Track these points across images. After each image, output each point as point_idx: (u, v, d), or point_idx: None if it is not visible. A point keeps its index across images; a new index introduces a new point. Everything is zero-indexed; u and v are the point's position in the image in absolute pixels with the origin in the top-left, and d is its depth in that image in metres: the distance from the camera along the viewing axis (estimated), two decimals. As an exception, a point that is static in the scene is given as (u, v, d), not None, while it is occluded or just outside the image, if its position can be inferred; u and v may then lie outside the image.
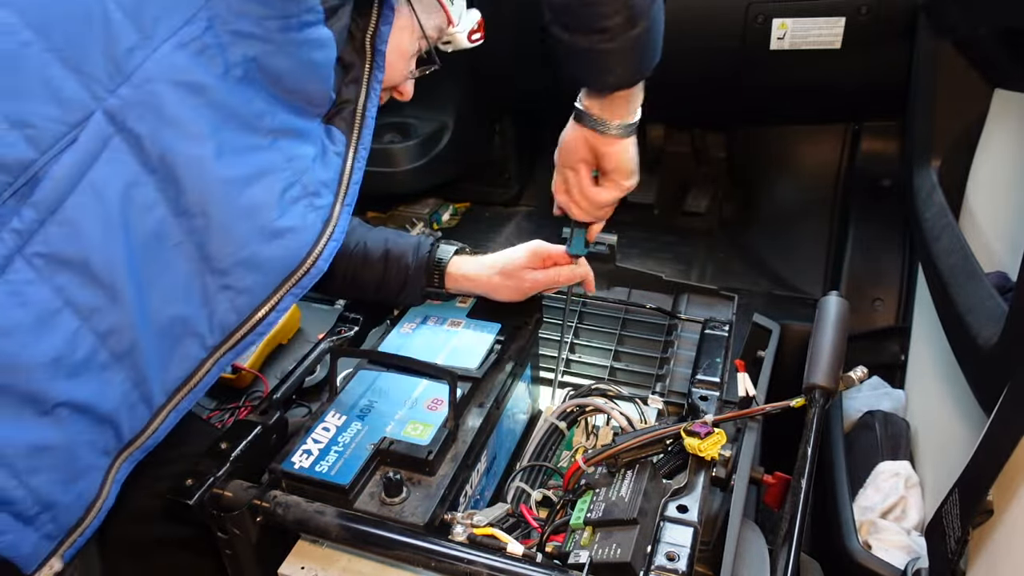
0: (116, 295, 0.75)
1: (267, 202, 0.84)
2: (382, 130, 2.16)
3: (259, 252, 0.85)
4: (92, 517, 0.80)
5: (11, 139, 0.68)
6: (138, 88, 0.73)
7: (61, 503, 0.76)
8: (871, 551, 1.13)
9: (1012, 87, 1.24)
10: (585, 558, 0.80)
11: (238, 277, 0.84)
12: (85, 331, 0.74)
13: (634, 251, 2.05)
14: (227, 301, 0.85)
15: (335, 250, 0.93)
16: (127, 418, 0.80)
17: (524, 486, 1.06)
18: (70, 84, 0.71)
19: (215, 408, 1.48)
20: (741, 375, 1.06)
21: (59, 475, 0.75)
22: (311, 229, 0.89)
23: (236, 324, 0.87)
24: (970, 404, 1.03)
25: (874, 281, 1.73)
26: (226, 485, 0.91)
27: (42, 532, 0.76)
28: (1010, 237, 1.15)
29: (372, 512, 0.88)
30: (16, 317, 0.69)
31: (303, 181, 0.87)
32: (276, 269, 0.88)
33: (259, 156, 0.83)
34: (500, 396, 1.06)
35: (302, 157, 0.87)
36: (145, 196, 0.76)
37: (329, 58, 0.87)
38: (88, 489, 0.79)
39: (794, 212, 2.05)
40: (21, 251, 0.69)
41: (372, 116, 0.96)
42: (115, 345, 0.76)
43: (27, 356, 0.70)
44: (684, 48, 1.82)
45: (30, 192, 0.69)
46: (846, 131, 2.00)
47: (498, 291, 1.15)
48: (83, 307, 0.73)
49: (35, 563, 0.76)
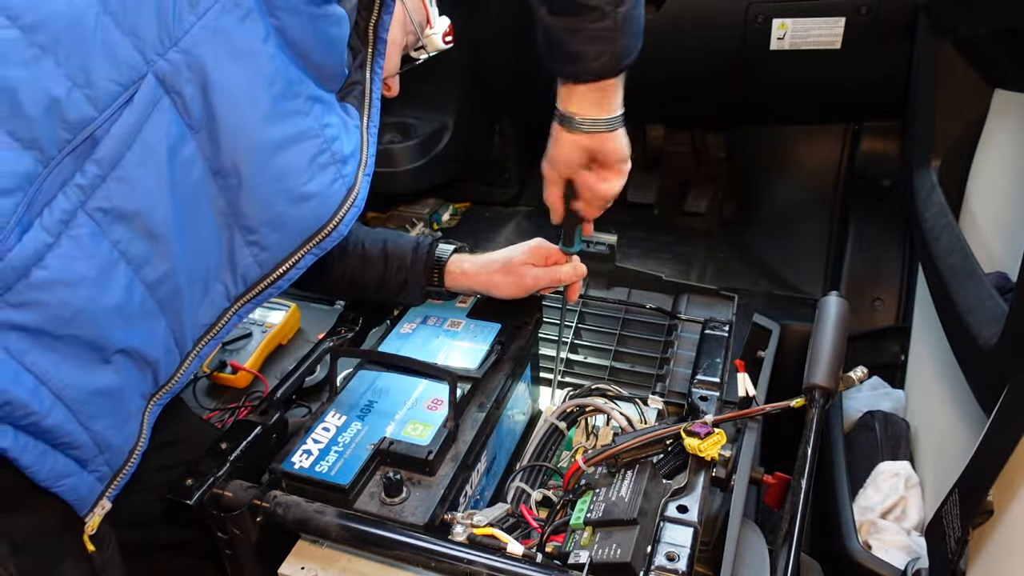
0: (164, 247, 0.79)
1: (298, 167, 0.87)
2: (382, 130, 2.14)
3: (285, 213, 0.88)
4: (134, 459, 0.85)
5: (75, 98, 0.70)
6: (186, 53, 0.76)
7: (115, 445, 0.81)
8: (871, 551, 1.13)
9: (1012, 87, 1.24)
10: (585, 558, 0.80)
11: (264, 235, 0.88)
12: (137, 282, 0.78)
13: (634, 251, 2.05)
14: (251, 256, 0.89)
15: (356, 216, 0.95)
16: (164, 363, 0.85)
17: (524, 486, 1.06)
18: (124, 47, 0.73)
19: (215, 408, 1.48)
20: (741, 375, 1.06)
21: (114, 419, 0.80)
22: (336, 195, 0.92)
23: (258, 277, 0.90)
24: (970, 404, 1.03)
25: (874, 281, 1.73)
26: (226, 485, 0.91)
27: (96, 475, 0.80)
28: (1010, 237, 1.15)
29: (372, 512, 0.88)
30: (81, 270, 0.72)
31: (332, 149, 0.90)
32: (300, 230, 0.91)
33: (297, 121, 0.86)
34: (500, 396, 1.06)
35: (332, 125, 0.90)
36: (188, 154, 0.79)
37: (344, 34, 0.89)
38: (132, 432, 0.84)
39: (794, 212, 2.05)
40: (84, 206, 0.72)
41: (378, 99, 0.99)
42: (161, 294, 0.81)
43: (93, 307, 0.74)
44: (684, 48, 1.83)
45: (91, 150, 0.72)
46: (846, 131, 2.00)
47: (499, 288, 1.15)
48: (136, 259, 0.77)
49: (89, 505, 0.81)
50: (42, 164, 0.69)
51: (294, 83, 0.85)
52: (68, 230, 0.71)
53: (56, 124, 0.69)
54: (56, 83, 0.69)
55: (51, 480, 0.75)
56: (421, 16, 1.08)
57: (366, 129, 0.97)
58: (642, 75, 0.98)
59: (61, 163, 0.70)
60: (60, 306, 0.71)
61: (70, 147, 0.71)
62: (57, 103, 0.69)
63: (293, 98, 0.85)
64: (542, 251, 1.15)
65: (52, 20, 0.69)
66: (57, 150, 0.70)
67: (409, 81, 1.13)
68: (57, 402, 0.73)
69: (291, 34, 0.83)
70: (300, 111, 0.86)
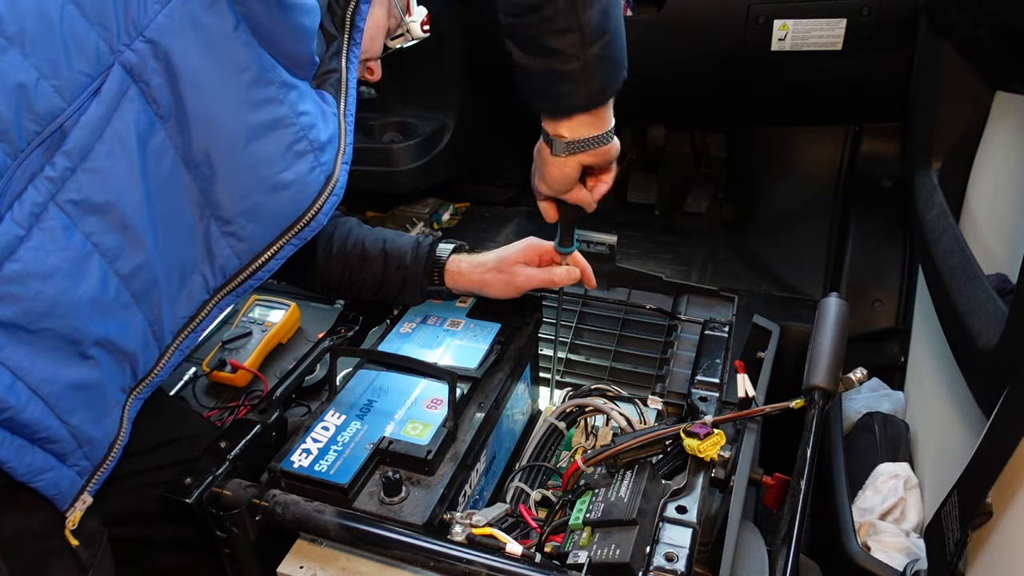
0: (138, 239, 0.79)
1: (273, 155, 0.86)
2: (382, 130, 2.16)
3: (262, 203, 0.88)
4: (114, 453, 0.85)
5: (43, 89, 0.70)
6: (151, 42, 0.76)
7: (94, 439, 0.81)
8: (870, 552, 1.13)
9: (1013, 89, 1.24)
10: (584, 558, 0.80)
11: (240, 225, 0.87)
12: (111, 274, 0.77)
13: (634, 251, 2.05)
14: (229, 247, 0.88)
15: (335, 204, 0.94)
16: (143, 356, 0.85)
17: (523, 486, 1.06)
18: (91, 37, 0.73)
19: (215, 407, 1.48)
20: (741, 376, 1.06)
21: (92, 413, 0.80)
22: (314, 184, 0.91)
23: (237, 268, 0.90)
24: (970, 406, 1.03)
25: (874, 282, 1.73)
26: (225, 484, 0.91)
27: (76, 469, 0.80)
28: (1010, 239, 1.15)
29: (371, 512, 0.88)
30: (54, 263, 0.72)
31: (309, 136, 0.89)
32: (277, 220, 0.90)
33: (271, 109, 0.85)
34: (499, 396, 1.06)
35: (309, 113, 0.89)
36: (157, 144, 0.79)
37: (314, 24, 0.89)
38: (112, 426, 0.84)
39: (795, 213, 2.05)
40: (55, 198, 0.72)
41: (354, 87, 0.99)
42: (137, 286, 0.80)
43: (68, 299, 0.73)
44: (685, 49, 1.83)
45: (60, 141, 0.72)
46: (847, 132, 2.00)
47: (490, 287, 1.14)
48: (110, 250, 0.77)
49: (70, 500, 0.81)
50: (11, 157, 0.69)
51: (267, 70, 0.84)
52: (40, 223, 0.71)
53: (24, 115, 0.69)
54: (23, 74, 0.69)
55: (30, 475, 0.75)
56: (403, 2, 1.08)
57: (343, 116, 0.96)
58: (643, 76, 0.97)
59: (30, 155, 0.70)
60: (34, 299, 0.71)
61: (39, 139, 0.70)
62: (25, 94, 0.69)
63: (266, 86, 0.84)
64: (536, 250, 1.14)
65: (17, 11, 0.69)
66: (26, 142, 0.70)
67: (410, 80, 1.13)
68: (34, 396, 0.73)
69: (259, 22, 0.82)
70: (274, 99, 0.85)
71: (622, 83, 0.90)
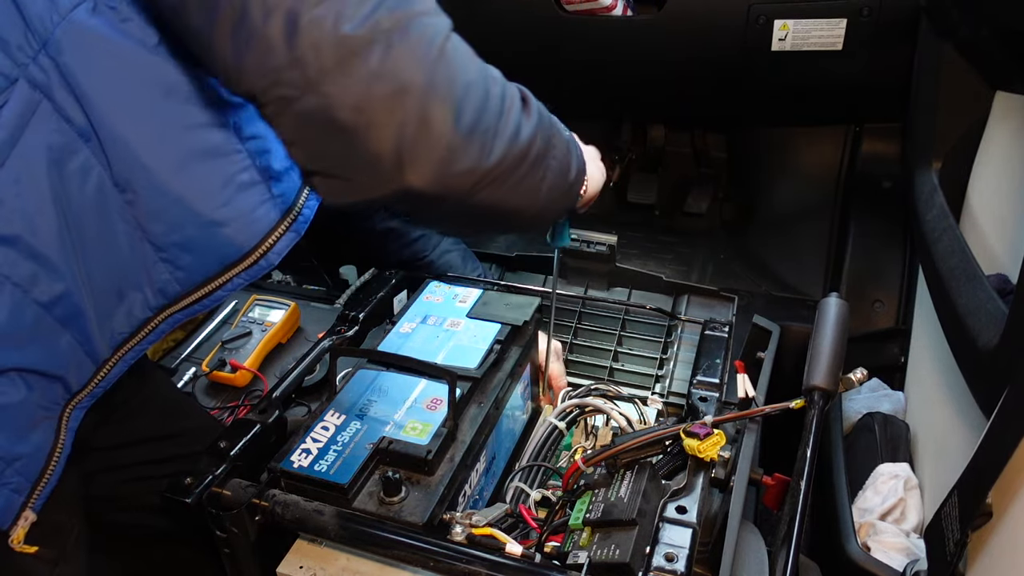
0: (54, 267, 0.74)
1: (207, 189, 0.78)
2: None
3: (195, 238, 0.80)
4: (53, 466, 0.81)
5: None
6: (55, 57, 0.69)
7: (23, 455, 0.77)
8: (870, 553, 1.13)
9: (1014, 89, 1.24)
10: (584, 558, 0.80)
11: (174, 255, 0.81)
12: (27, 302, 0.73)
13: (634, 251, 2.05)
14: (167, 272, 0.82)
15: (293, 242, 0.85)
16: (74, 374, 0.80)
17: (523, 486, 1.06)
18: None
19: (214, 407, 1.48)
20: (741, 376, 1.06)
21: (15, 431, 0.76)
22: (262, 220, 0.82)
23: (179, 293, 0.83)
24: (970, 406, 1.02)
25: (874, 283, 1.73)
26: (225, 484, 0.91)
27: (11, 486, 0.76)
28: (1010, 239, 1.15)
29: (371, 511, 0.87)
30: None
31: (258, 165, 0.81)
32: (216, 257, 0.82)
33: (204, 136, 0.77)
34: (499, 396, 1.06)
35: (260, 137, 0.81)
36: (80, 162, 0.73)
37: None
38: (44, 439, 0.79)
39: (795, 213, 2.05)
40: None
41: None
42: (59, 312, 0.76)
43: None
44: (685, 49, 1.83)
45: None
46: (847, 132, 2.00)
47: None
48: (23, 280, 0.72)
49: (10, 518, 0.77)
50: None
51: (202, 90, 0.75)
52: None
53: None
54: None
55: None
56: None
57: None
58: (643, 76, 0.97)
59: None
60: None
61: None
62: None
63: (200, 108, 0.76)
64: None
65: None
66: None
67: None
68: None
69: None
70: (210, 123, 0.77)
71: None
